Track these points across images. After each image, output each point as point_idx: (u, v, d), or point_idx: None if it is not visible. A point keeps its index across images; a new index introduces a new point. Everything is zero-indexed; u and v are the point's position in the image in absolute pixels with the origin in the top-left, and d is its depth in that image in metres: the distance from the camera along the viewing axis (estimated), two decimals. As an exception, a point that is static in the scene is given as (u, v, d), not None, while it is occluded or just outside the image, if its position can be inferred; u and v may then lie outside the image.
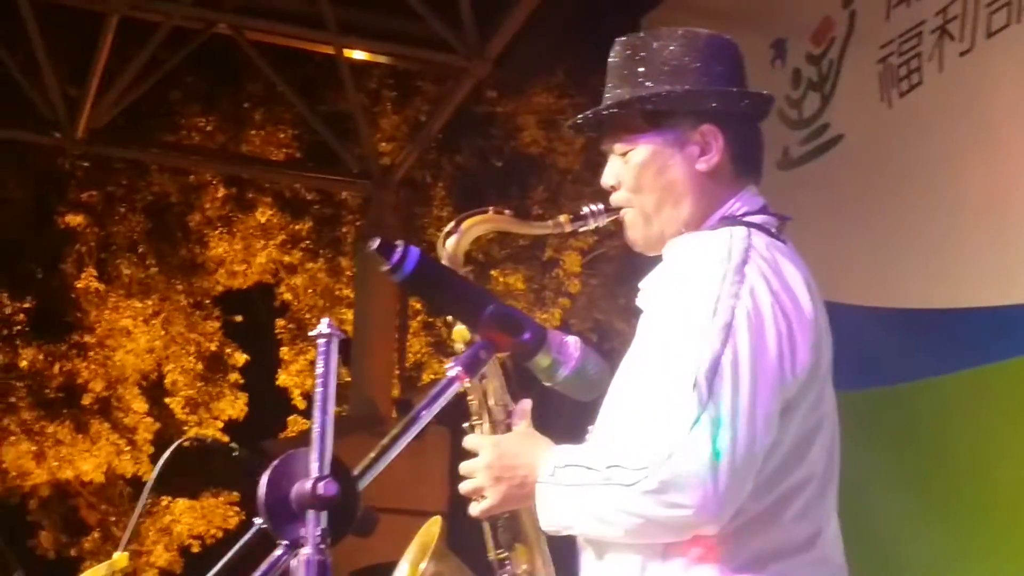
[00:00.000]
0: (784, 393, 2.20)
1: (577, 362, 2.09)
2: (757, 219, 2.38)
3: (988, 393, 5.08)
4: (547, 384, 2.20)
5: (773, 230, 2.37)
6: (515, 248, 14.17)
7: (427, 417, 1.97)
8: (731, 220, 2.37)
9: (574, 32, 12.50)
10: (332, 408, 1.81)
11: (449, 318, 2.42)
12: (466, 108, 11.89)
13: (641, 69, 2.44)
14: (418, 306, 14.25)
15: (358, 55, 10.27)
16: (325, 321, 1.83)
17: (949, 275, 5.27)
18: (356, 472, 1.86)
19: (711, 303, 2.17)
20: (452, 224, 2.55)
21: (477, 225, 2.56)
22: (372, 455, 1.89)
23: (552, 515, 2.26)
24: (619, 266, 13.99)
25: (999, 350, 5.00)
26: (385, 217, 10.46)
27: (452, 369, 2.01)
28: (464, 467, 2.39)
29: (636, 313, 2.44)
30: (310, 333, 1.86)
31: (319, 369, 1.81)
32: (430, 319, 14.88)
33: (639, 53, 2.46)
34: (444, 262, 2.50)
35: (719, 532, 2.17)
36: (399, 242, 2.01)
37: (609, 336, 14.02)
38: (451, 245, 2.53)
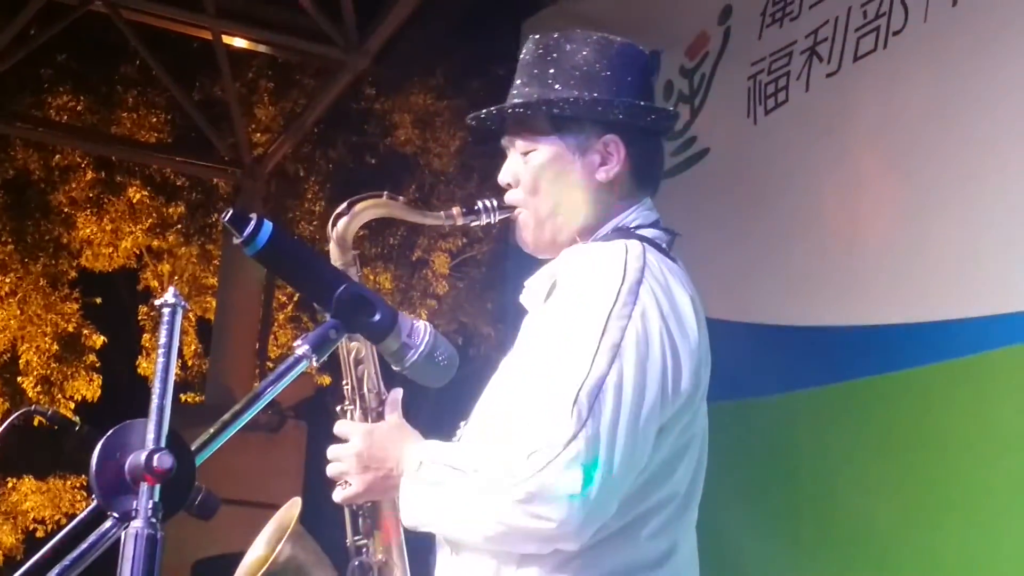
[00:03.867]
0: (661, 418, 2.20)
1: (426, 347, 2.07)
2: (649, 233, 2.38)
3: (835, 412, 5.16)
4: (396, 368, 2.19)
5: (664, 245, 2.38)
6: (386, 247, 14.15)
7: (271, 394, 1.92)
8: (624, 232, 2.37)
9: (454, 34, 12.55)
10: (172, 379, 1.77)
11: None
12: (343, 104, 11.86)
13: (552, 71, 2.42)
14: (284, 299, 14.15)
15: (237, 42, 10.17)
16: (171, 290, 1.79)
17: (804, 293, 5.34)
18: (194, 447, 1.82)
19: (601, 322, 2.16)
20: (344, 205, 2.48)
21: (369, 209, 2.49)
22: (212, 431, 1.85)
23: (413, 511, 2.24)
24: (486, 270, 14.05)
25: (849, 370, 5.08)
26: (254, 207, 10.38)
27: (300, 347, 1.97)
28: (332, 451, 2.36)
29: (505, 316, 2.43)
30: (155, 302, 1.82)
31: (162, 339, 1.76)
32: (297, 313, 14.80)
33: (551, 54, 2.44)
34: (333, 243, 2.47)
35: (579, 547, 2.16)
36: (253, 215, 1.97)
37: (474, 340, 14.06)
38: (341, 226, 2.47)
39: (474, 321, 14.29)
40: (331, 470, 2.36)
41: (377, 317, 2.04)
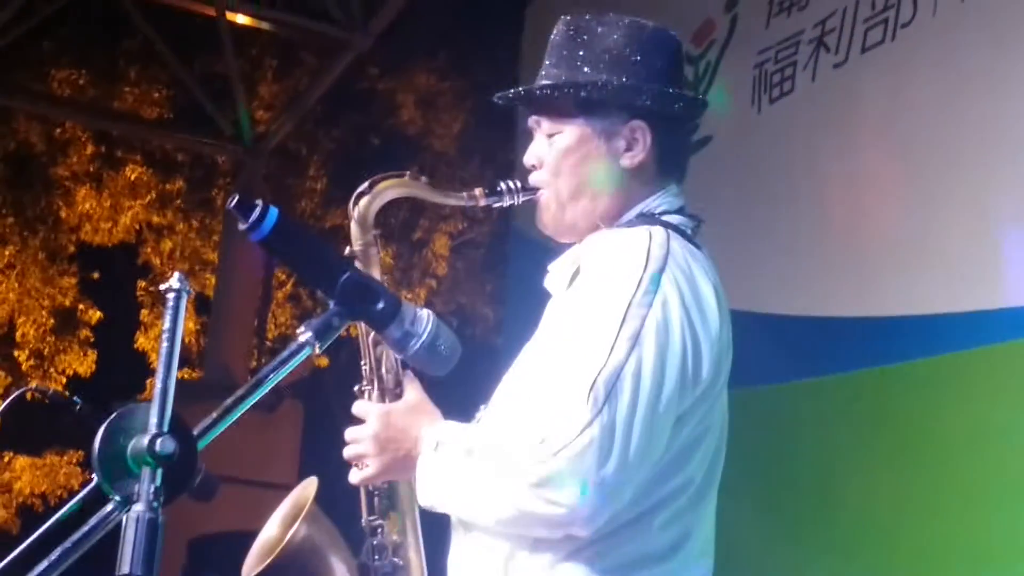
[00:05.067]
0: (680, 408, 2.20)
1: (429, 336, 2.07)
2: (674, 219, 2.36)
3: (837, 402, 5.17)
4: (398, 356, 2.18)
5: (689, 231, 2.36)
6: (387, 226, 14.13)
7: (274, 380, 1.93)
8: (649, 218, 2.36)
9: (457, 15, 12.52)
10: (176, 364, 1.76)
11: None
12: (347, 84, 11.84)
13: (581, 53, 2.40)
14: (283, 277, 14.14)
15: (241, 19, 10.14)
16: (176, 275, 1.79)
17: (808, 283, 5.35)
18: (197, 432, 1.82)
19: (622, 309, 2.15)
20: (365, 184, 2.47)
21: (391, 188, 2.49)
22: (214, 416, 1.85)
23: (429, 491, 2.25)
24: (486, 252, 14.05)
25: (852, 360, 5.10)
26: (255, 184, 10.38)
27: (303, 334, 1.96)
28: (349, 433, 2.36)
29: (504, 298, 2.43)
30: (160, 287, 1.81)
31: (166, 324, 1.76)
32: (296, 291, 14.79)
33: (582, 35, 2.42)
34: (353, 222, 2.46)
35: (591, 534, 2.16)
36: (258, 201, 1.97)
37: (472, 321, 14.07)
38: (363, 205, 2.46)
39: (472, 302, 14.30)
40: (348, 452, 2.36)
41: (380, 305, 2.04)
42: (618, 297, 2.17)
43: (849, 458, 5.08)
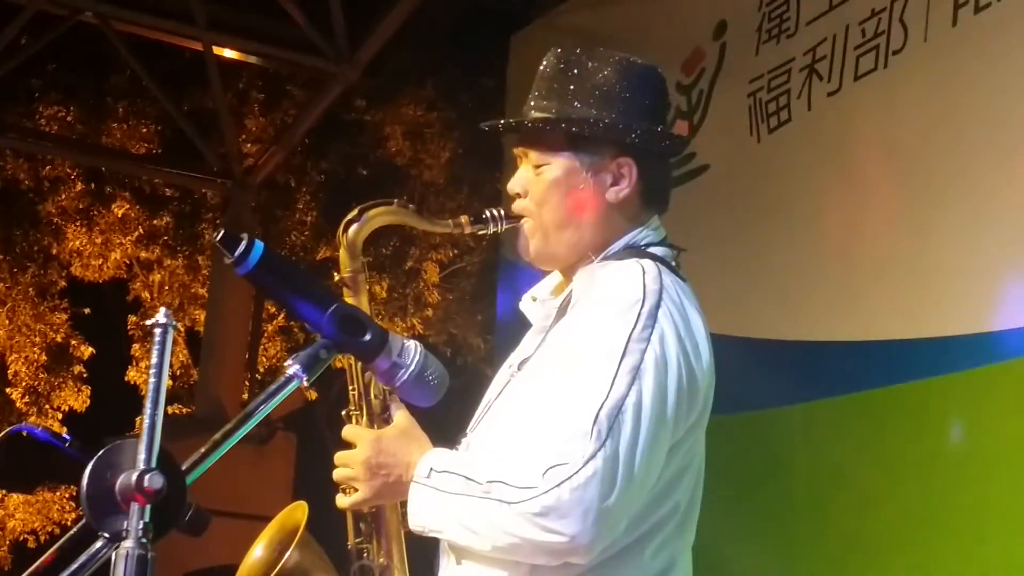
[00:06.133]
0: (674, 438, 2.25)
1: (417, 367, 2.08)
2: (659, 251, 2.42)
3: (830, 426, 5.16)
4: (386, 387, 2.18)
5: (673, 263, 2.42)
6: (379, 256, 14.14)
7: (262, 413, 1.93)
8: (635, 250, 2.41)
9: (444, 47, 12.58)
10: (164, 400, 1.76)
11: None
12: (334, 115, 11.86)
13: (572, 87, 2.45)
14: (273, 310, 14.12)
15: (228, 53, 10.15)
16: (162, 311, 1.79)
17: (801, 308, 5.34)
18: (185, 467, 1.81)
19: (622, 344, 2.20)
20: (354, 212, 2.49)
21: (380, 216, 2.50)
22: (203, 450, 1.85)
23: (421, 517, 2.25)
24: (476, 282, 14.05)
25: (845, 384, 5.09)
26: (244, 218, 10.37)
27: (291, 367, 1.97)
28: (340, 457, 2.36)
29: (495, 328, 2.44)
30: (147, 322, 1.81)
31: (153, 359, 1.76)
32: (286, 324, 14.78)
33: (572, 69, 2.46)
34: (343, 249, 2.48)
35: (588, 562, 2.18)
36: (244, 235, 1.97)
37: (463, 351, 14.07)
38: (352, 233, 2.48)
39: (463, 333, 14.31)
40: (337, 476, 2.36)
41: (367, 337, 2.05)
42: (618, 331, 2.21)
43: (842, 482, 5.07)
